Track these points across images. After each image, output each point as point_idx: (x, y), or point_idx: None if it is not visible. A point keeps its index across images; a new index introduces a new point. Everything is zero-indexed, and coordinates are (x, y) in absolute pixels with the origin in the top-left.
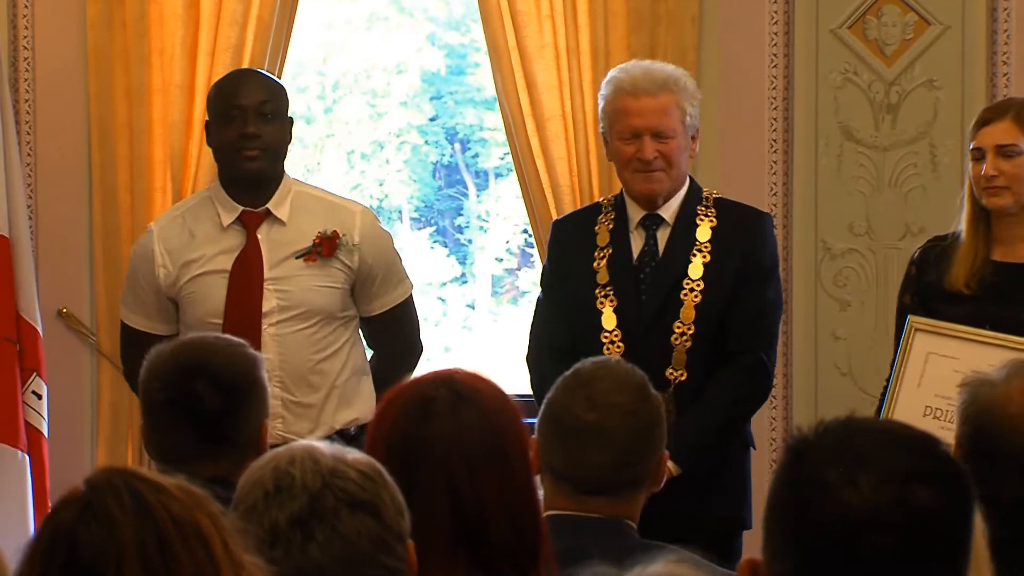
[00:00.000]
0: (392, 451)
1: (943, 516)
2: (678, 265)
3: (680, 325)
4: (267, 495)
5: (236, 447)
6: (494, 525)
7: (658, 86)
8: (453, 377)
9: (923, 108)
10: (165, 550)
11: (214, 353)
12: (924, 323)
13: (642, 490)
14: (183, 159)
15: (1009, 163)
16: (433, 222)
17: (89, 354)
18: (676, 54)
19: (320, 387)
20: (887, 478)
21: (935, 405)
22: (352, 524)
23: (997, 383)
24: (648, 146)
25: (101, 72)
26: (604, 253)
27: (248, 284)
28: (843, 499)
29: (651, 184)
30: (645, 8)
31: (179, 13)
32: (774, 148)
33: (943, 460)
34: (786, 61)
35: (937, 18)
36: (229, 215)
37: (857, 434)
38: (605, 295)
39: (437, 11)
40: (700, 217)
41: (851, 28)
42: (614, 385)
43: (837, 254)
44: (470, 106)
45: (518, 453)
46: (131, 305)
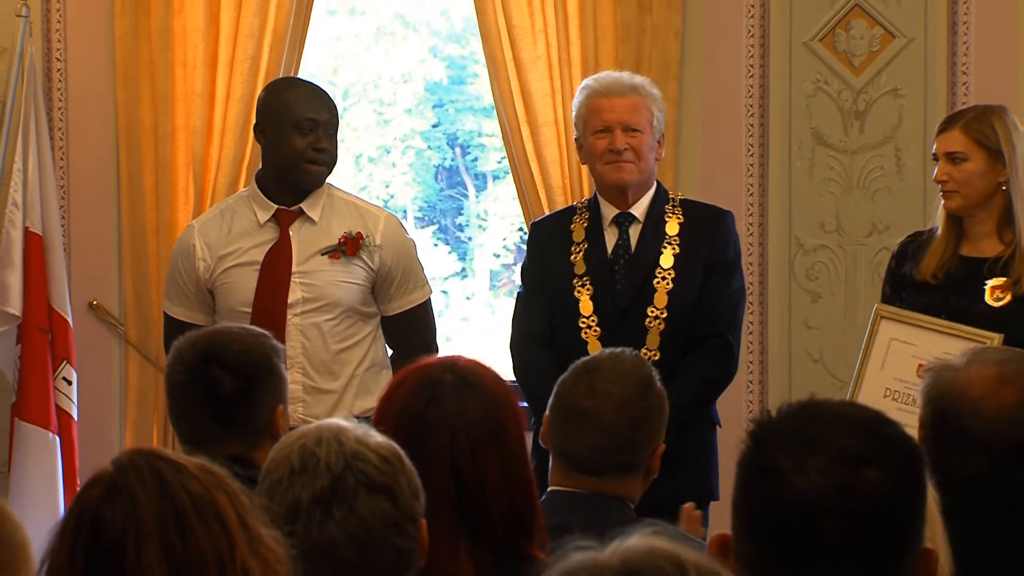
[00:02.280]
0: (400, 429)
1: (891, 496)
2: (650, 257)
3: (653, 310)
4: (292, 472)
5: (250, 430)
6: (493, 499)
7: (628, 88)
8: (456, 363)
9: (889, 115)
10: (183, 527)
11: (232, 341)
12: (889, 311)
13: (635, 475)
14: (204, 162)
15: (956, 169)
16: (435, 221)
17: (118, 343)
18: (660, 65)
19: (340, 375)
20: (835, 462)
21: (894, 388)
22: (369, 506)
23: (959, 368)
24: (619, 137)
25: (128, 82)
26: (580, 248)
27: (277, 276)
28: (794, 484)
29: (621, 173)
30: (632, 23)
31: (200, 27)
32: (751, 152)
33: (893, 441)
34: (762, 71)
35: (902, 31)
36: (265, 213)
37: (812, 419)
38: (582, 284)
39: (439, 25)
40: (668, 215)
41: (822, 41)
42: (615, 376)
43: (809, 250)
44: (469, 113)
45: (515, 433)
46: (173, 297)
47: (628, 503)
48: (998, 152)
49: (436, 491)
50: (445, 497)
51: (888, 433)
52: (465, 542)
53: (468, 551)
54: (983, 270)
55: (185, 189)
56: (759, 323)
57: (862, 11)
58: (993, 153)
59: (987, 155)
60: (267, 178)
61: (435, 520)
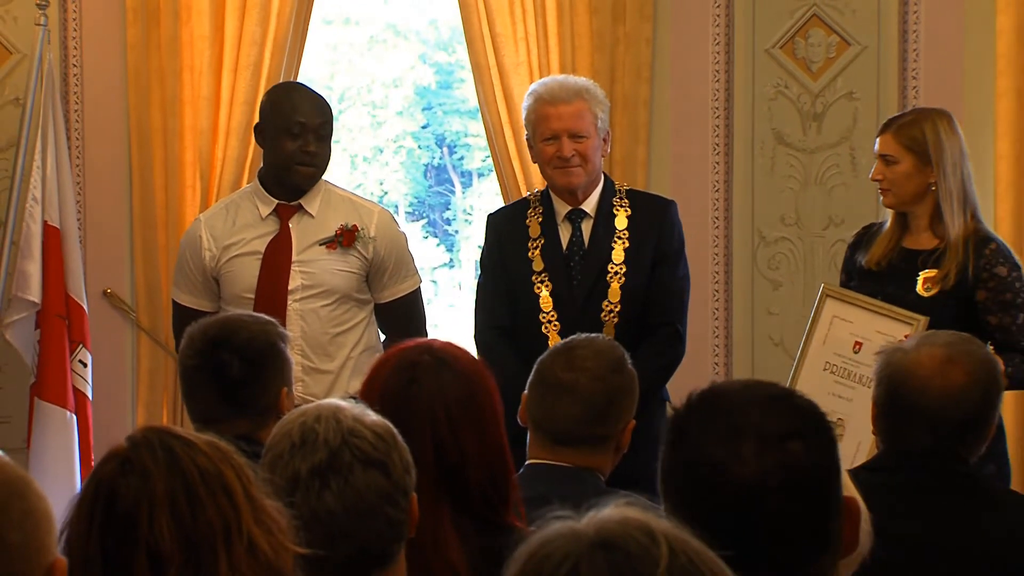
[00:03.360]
0: (383, 408)
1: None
2: (603, 252)
3: (608, 304)
4: (293, 446)
5: (257, 410)
6: (472, 471)
7: (572, 94)
8: (433, 345)
9: (844, 116)
10: (192, 498)
11: (240, 328)
12: (833, 290)
13: (608, 448)
14: (210, 161)
15: (889, 170)
16: (425, 215)
17: (130, 328)
18: (633, 71)
19: (336, 356)
20: (765, 443)
21: (833, 362)
22: (364, 479)
23: (909, 350)
24: (566, 145)
25: (139, 86)
26: (537, 243)
27: (278, 265)
28: (735, 473)
29: (569, 177)
30: (606, 32)
31: (206, 35)
32: (717, 151)
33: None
34: (727, 76)
35: (856, 39)
36: (266, 207)
37: (728, 406)
38: (541, 281)
39: (428, 34)
40: (616, 208)
41: (782, 48)
42: (591, 354)
43: (771, 241)
44: (456, 115)
45: (491, 409)
46: (181, 285)
47: (600, 475)
48: (927, 156)
49: (419, 465)
50: (428, 470)
51: (797, 404)
52: (448, 513)
53: (451, 521)
54: (918, 261)
55: (192, 186)
56: (724, 309)
57: (820, 20)
58: (922, 157)
59: (916, 158)
60: (266, 176)
61: (419, 492)
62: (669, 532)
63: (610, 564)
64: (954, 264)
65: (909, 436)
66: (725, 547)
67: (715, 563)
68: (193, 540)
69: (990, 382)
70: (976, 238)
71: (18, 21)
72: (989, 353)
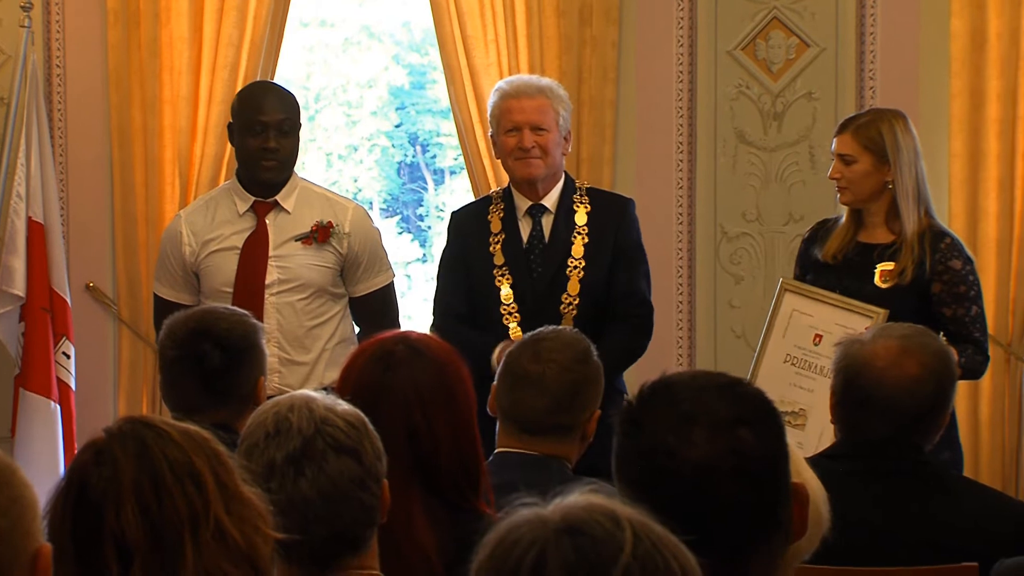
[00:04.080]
0: (359, 396)
1: (764, 447)
2: (563, 246)
3: (567, 296)
4: (268, 435)
5: (235, 399)
6: (444, 458)
7: (536, 90)
8: (408, 336)
9: (803, 116)
10: (159, 489)
11: (219, 320)
12: (792, 284)
13: (574, 437)
14: (189, 159)
15: (847, 169)
16: (398, 212)
17: (112, 321)
18: (599, 72)
19: (312, 349)
20: (716, 429)
21: (793, 354)
22: (337, 465)
23: (866, 342)
24: (527, 136)
25: (120, 86)
26: (498, 238)
27: (255, 260)
28: (686, 458)
29: (530, 169)
30: (573, 34)
31: (185, 36)
32: (680, 149)
33: (754, 400)
34: (690, 77)
35: (815, 41)
36: (244, 204)
37: (680, 395)
38: (502, 274)
39: (401, 36)
40: (576, 205)
41: (744, 50)
42: (558, 346)
43: (733, 237)
44: (429, 115)
45: (463, 398)
46: (162, 279)
47: (567, 463)
48: (884, 155)
49: (393, 451)
50: (401, 456)
51: (745, 392)
52: (419, 498)
53: (422, 506)
54: (874, 255)
55: (171, 183)
56: (688, 303)
57: (780, 23)
58: (879, 156)
59: (873, 158)
60: (240, 174)
61: (392, 478)
62: (633, 517)
63: (576, 549)
64: (910, 259)
65: (866, 425)
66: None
67: (677, 547)
68: (159, 529)
69: (944, 373)
70: (931, 233)
71: (2, 23)
72: (943, 345)
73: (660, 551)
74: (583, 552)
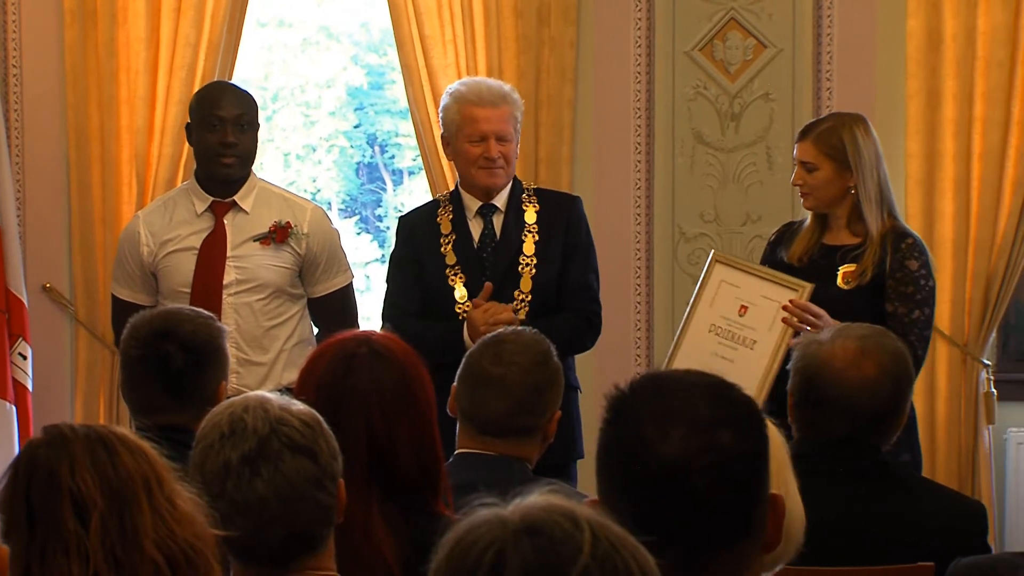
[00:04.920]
0: (320, 398)
1: (743, 451)
2: (514, 245)
3: (520, 293)
4: (223, 436)
5: (196, 402)
6: (404, 460)
7: (499, 98)
8: (370, 338)
9: (761, 117)
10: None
11: (183, 321)
12: (723, 257)
13: (535, 437)
14: (146, 160)
15: (809, 176)
16: (357, 212)
17: (69, 322)
18: (558, 73)
19: (270, 349)
20: (694, 428)
21: (718, 324)
22: (292, 465)
23: (824, 342)
24: (493, 147)
25: (77, 86)
26: (449, 239)
27: (213, 260)
28: (660, 451)
29: (494, 178)
30: (531, 35)
31: (142, 36)
32: (638, 150)
33: (737, 403)
34: (648, 78)
35: (772, 42)
36: (202, 204)
37: (664, 390)
38: (455, 273)
39: (359, 36)
40: (525, 204)
41: (701, 50)
42: (519, 348)
43: (691, 237)
44: (387, 115)
45: (424, 400)
46: (120, 280)
47: (527, 464)
48: (845, 162)
49: (352, 453)
50: (359, 459)
51: (732, 396)
52: (377, 500)
53: (380, 508)
54: (837, 257)
55: (129, 184)
56: (646, 302)
57: (737, 24)
58: (841, 163)
59: (835, 165)
60: (199, 173)
61: (350, 480)
62: (592, 518)
63: (535, 549)
64: (872, 261)
65: (824, 425)
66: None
67: (636, 548)
68: (114, 485)
69: (901, 374)
70: (894, 234)
71: None
72: (901, 346)
73: (619, 551)
74: (542, 552)
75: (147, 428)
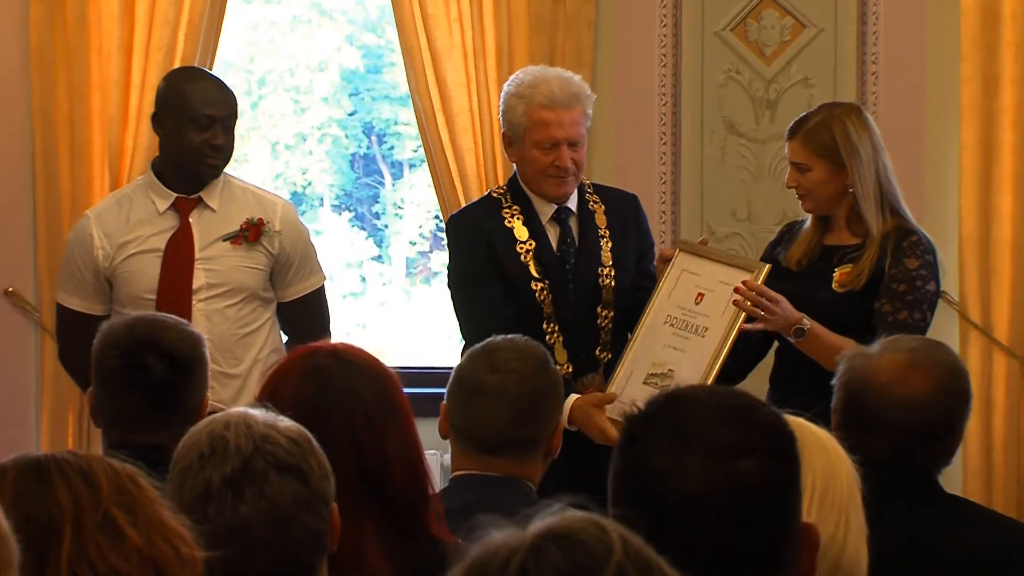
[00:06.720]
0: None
1: (769, 481)
2: (595, 252)
3: (603, 309)
4: (202, 456)
5: (179, 418)
6: (397, 470)
7: (573, 99)
8: (336, 348)
9: (799, 104)
10: (42, 479)
11: (166, 329)
12: (687, 244)
13: (538, 452)
14: (120, 150)
15: (803, 177)
16: (352, 208)
17: (34, 329)
18: (574, 55)
19: (243, 359)
20: (713, 457)
21: (674, 315)
22: (279, 486)
23: (871, 355)
24: (566, 155)
25: (44, 69)
26: (528, 246)
27: (180, 263)
28: (675, 485)
29: (565, 188)
30: (545, 13)
31: (115, 14)
32: (664, 140)
33: (763, 426)
34: (674, 61)
35: (812, 21)
36: (164, 201)
37: (683, 413)
38: (542, 288)
39: (355, 14)
40: (592, 204)
41: (733, 31)
42: (515, 354)
43: (721, 237)
44: (385, 102)
45: (404, 408)
46: (68, 288)
47: (531, 484)
48: (839, 160)
49: (340, 472)
50: (349, 477)
51: (758, 418)
52: (371, 522)
53: (375, 531)
54: (835, 259)
55: (101, 176)
56: None
57: (773, 1)
58: (835, 161)
59: (829, 164)
60: (164, 168)
61: (340, 501)
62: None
63: (564, 552)
64: (869, 263)
65: (867, 445)
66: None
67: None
68: (35, 522)
69: (956, 391)
70: (896, 233)
71: None
72: (957, 359)
73: (647, 555)
74: (572, 554)
75: (120, 447)
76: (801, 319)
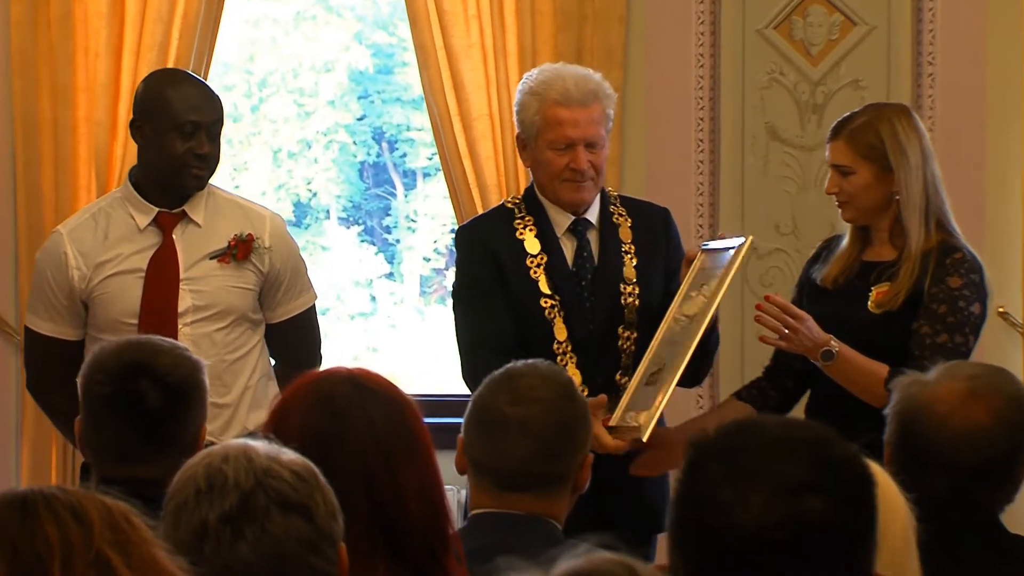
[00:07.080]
0: (305, 451)
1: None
2: (615, 269)
3: (625, 330)
4: (199, 492)
5: (175, 450)
6: (412, 508)
7: (590, 96)
8: (352, 373)
9: (849, 108)
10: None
11: (161, 354)
12: (709, 243)
13: (564, 488)
14: (108, 157)
15: (845, 181)
16: (361, 221)
17: (13, 353)
18: (603, 54)
19: (232, 387)
20: (777, 493)
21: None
22: (282, 524)
23: (927, 383)
24: (582, 157)
25: (26, 70)
26: (539, 260)
27: (164, 283)
28: (734, 519)
29: (582, 193)
30: (572, 8)
31: (103, 11)
32: (701, 148)
33: (837, 464)
34: (712, 61)
35: (863, 18)
36: (145, 217)
37: (751, 443)
38: (553, 306)
39: (364, 10)
40: (616, 217)
41: (777, 28)
42: (539, 382)
43: (764, 254)
44: (397, 105)
45: (426, 439)
46: (39, 311)
47: (556, 523)
48: (886, 163)
49: (350, 511)
50: (360, 517)
51: (832, 455)
52: (383, 565)
53: (386, 575)
54: (872, 276)
55: (87, 186)
56: None
57: None
58: (881, 164)
59: (874, 167)
60: (144, 179)
61: (350, 542)
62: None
63: None
64: (908, 281)
65: (923, 481)
66: None
67: None
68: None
69: (1019, 422)
70: (939, 250)
71: None
72: (1021, 388)
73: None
74: None
75: (111, 481)
76: (828, 340)
